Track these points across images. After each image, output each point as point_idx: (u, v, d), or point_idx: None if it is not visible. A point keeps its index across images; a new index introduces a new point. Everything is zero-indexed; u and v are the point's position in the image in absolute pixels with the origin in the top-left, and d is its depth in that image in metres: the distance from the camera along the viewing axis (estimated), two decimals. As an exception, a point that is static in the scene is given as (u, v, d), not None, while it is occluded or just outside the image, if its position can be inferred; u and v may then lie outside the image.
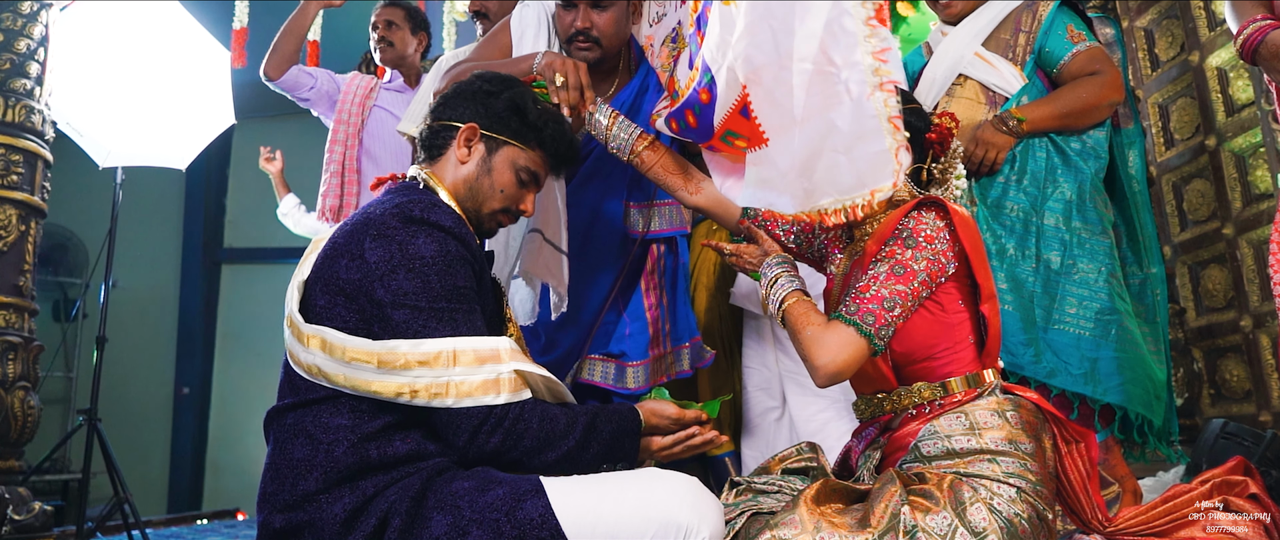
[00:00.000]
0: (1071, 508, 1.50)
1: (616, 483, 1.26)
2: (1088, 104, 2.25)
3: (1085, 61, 2.28)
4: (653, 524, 1.18)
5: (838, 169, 1.38)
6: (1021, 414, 1.44)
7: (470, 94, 1.56)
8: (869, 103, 1.30)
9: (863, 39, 1.30)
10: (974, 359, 1.49)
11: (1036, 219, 2.20)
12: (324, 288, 1.33)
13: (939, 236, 1.45)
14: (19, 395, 2.62)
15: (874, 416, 1.55)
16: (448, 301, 1.30)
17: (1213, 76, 3.08)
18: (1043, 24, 2.34)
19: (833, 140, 1.35)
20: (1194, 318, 3.22)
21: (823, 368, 1.39)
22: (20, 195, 2.72)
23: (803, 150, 1.39)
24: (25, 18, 2.81)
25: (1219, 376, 3.12)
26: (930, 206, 1.48)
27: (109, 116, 3.12)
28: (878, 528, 1.29)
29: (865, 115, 1.31)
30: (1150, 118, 3.41)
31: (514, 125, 1.53)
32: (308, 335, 1.30)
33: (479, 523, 1.18)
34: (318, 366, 1.29)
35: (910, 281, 1.41)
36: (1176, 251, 3.30)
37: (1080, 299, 2.13)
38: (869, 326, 1.39)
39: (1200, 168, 3.18)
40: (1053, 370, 2.07)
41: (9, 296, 2.67)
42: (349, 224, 1.38)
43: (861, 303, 1.40)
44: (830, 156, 1.37)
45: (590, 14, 1.96)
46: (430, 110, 1.60)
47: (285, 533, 1.24)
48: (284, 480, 1.26)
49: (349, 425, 1.27)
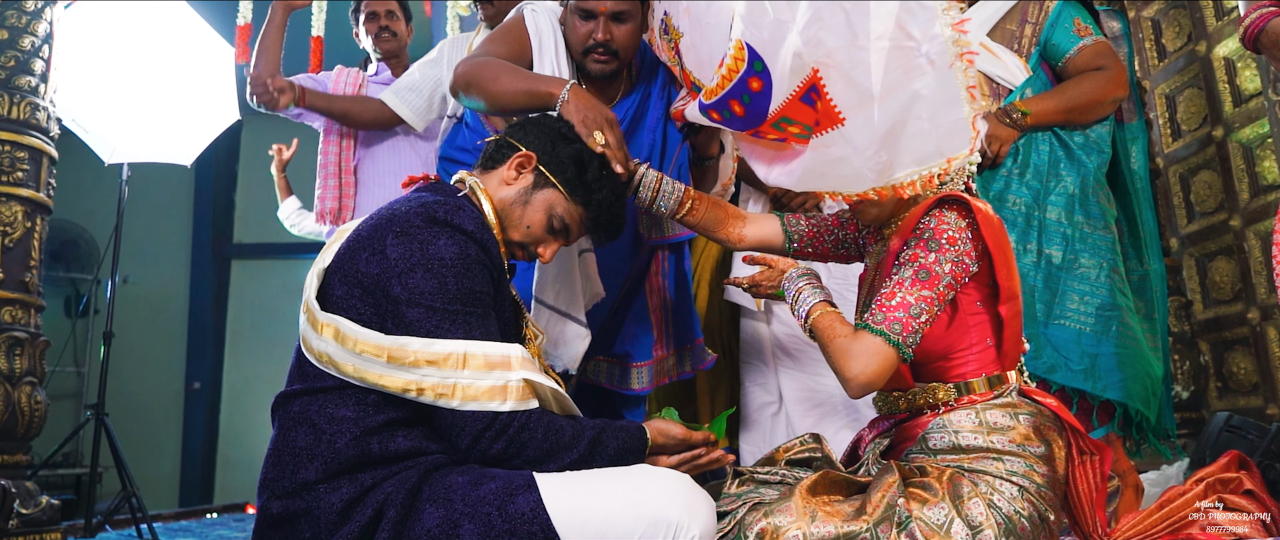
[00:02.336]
0: (1074, 518, 1.48)
1: (608, 479, 1.26)
2: (1092, 99, 2.24)
3: (1091, 56, 2.27)
4: (643, 521, 1.18)
5: (922, 136, 1.39)
6: (1037, 419, 1.42)
7: (546, 129, 1.57)
8: (950, 71, 1.32)
9: (941, 11, 1.32)
10: (994, 360, 1.46)
11: (1038, 213, 2.20)
12: (343, 278, 1.34)
13: (962, 237, 1.41)
14: (26, 390, 2.64)
15: (891, 413, 1.54)
16: (462, 304, 1.30)
17: (1220, 67, 3.06)
18: (1049, 16, 2.32)
19: (917, 109, 1.36)
20: (1201, 310, 3.20)
21: (854, 379, 1.36)
22: (26, 192, 2.73)
23: (884, 123, 1.40)
24: (29, 15, 2.82)
25: (1226, 369, 3.09)
26: (952, 204, 1.45)
27: (114, 113, 3.13)
28: (873, 517, 1.29)
29: (948, 83, 1.33)
30: (1157, 108, 3.38)
31: (569, 174, 1.52)
32: (322, 323, 1.31)
33: (471, 516, 1.18)
34: (329, 354, 1.30)
35: (936, 286, 1.38)
36: (1183, 244, 3.28)
37: (1082, 294, 2.13)
38: (897, 336, 1.36)
39: (1207, 159, 3.15)
40: (1052, 366, 2.06)
41: (15, 292, 2.69)
42: (374, 218, 1.39)
43: (887, 311, 1.38)
44: (915, 124, 1.38)
45: (611, 26, 1.91)
46: (507, 127, 1.61)
47: (282, 519, 1.25)
48: (285, 467, 1.27)
49: (353, 417, 1.27)
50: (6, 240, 2.69)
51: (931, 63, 1.33)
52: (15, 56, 2.77)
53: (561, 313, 1.93)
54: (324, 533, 1.21)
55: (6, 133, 2.70)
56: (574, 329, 1.93)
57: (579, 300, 1.95)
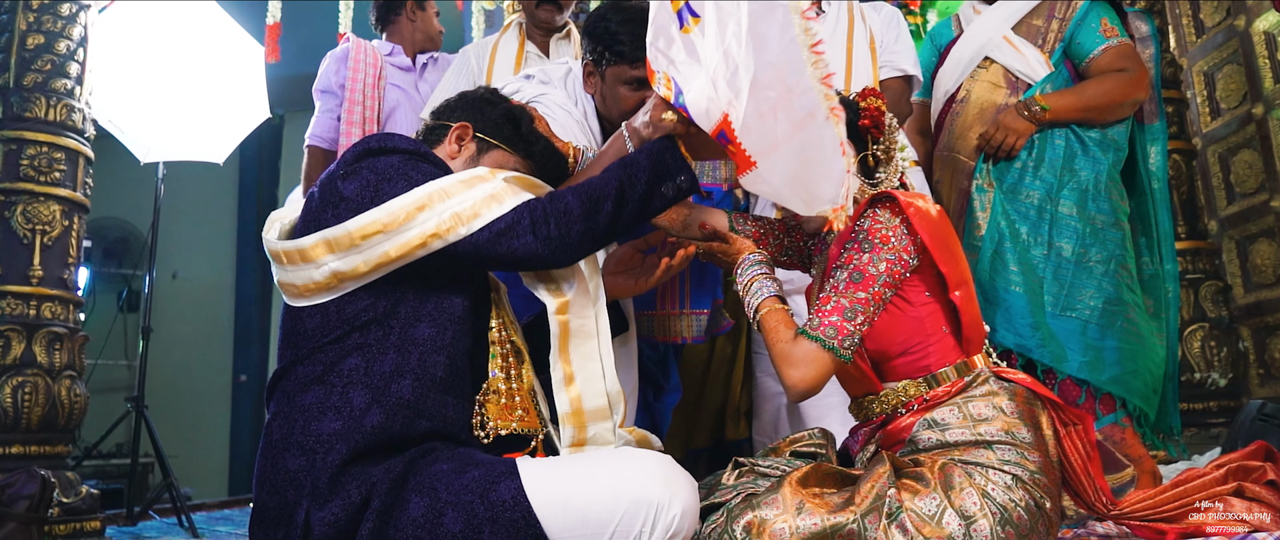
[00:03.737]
0: (1074, 490, 1.46)
1: (589, 463, 1.26)
2: (1112, 100, 2.21)
3: (1114, 57, 2.25)
4: (624, 501, 1.18)
5: (825, 181, 1.39)
6: (1017, 402, 1.40)
7: (468, 100, 1.60)
8: (828, 124, 1.33)
9: (810, 65, 1.32)
10: (955, 347, 1.44)
11: (1051, 207, 2.18)
12: (304, 223, 1.36)
13: (896, 234, 1.41)
14: (66, 384, 2.73)
15: (867, 419, 1.53)
16: (415, 172, 1.34)
17: (1260, 41, 2.95)
18: (1076, 14, 2.30)
19: (812, 155, 1.37)
20: (1241, 295, 3.10)
21: (792, 385, 1.38)
22: (63, 191, 2.82)
23: (789, 167, 1.40)
24: (65, 20, 2.91)
25: (1269, 355, 3.00)
26: (883, 202, 1.44)
27: (148, 113, 3.23)
28: (861, 507, 1.27)
29: (829, 134, 1.34)
30: (1195, 87, 3.28)
31: (507, 132, 1.55)
32: (310, 247, 1.29)
33: (454, 504, 1.19)
34: (333, 272, 1.28)
35: (870, 286, 1.38)
36: (1223, 226, 3.18)
37: (1090, 288, 2.11)
38: (832, 341, 1.36)
39: (1248, 138, 3.05)
40: (1058, 356, 2.05)
41: (55, 289, 2.79)
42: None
43: (823, 316, 1.38)
44: (815, 170, 1.39)
45: None
46: (430, 111, 1.62)
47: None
48: (288, 448, 1.27)
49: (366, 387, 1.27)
50: (45, 239, 2.78)
51: (811, 114, 1.33)
52: (52, 60, 2.86)
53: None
54: (313, 504, 1.22)
55: (44, 134, 2.80)
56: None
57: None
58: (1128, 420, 2.06)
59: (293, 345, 1.32)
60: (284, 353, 1.34)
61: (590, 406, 1.41)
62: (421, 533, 1.19)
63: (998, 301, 2.12)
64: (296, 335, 1.32)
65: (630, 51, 1.84)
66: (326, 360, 1.28)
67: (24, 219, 2.74)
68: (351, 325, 1.29)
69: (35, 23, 2.86)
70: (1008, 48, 2.32)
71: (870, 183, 1.51)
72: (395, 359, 1.28)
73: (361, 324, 1.29)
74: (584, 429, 1.40)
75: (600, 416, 1.41)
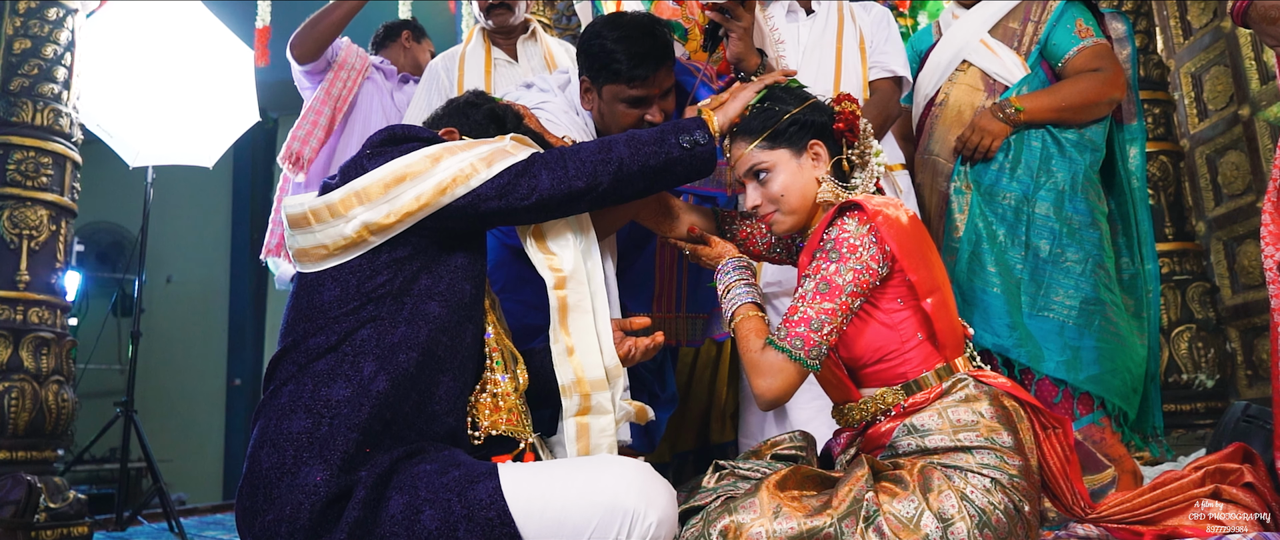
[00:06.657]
0: (1052, 493, 1.46)
1: (568, 469, 1.27)
2: (1087, 99, 2.22)
3: (1089, 57, 2.25)
4: (599, 508, 1.19)
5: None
6: (996, 407, 1.39)
7: (451, 107, 1.65)
8: None
9: None
10: (933, 353, 1.44)
11: (1028, 208, 2.19)
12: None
13: (863, 243, 1.40)
14: (53, 389, 2.73)
15: (848, 426, 1.53)
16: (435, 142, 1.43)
17: (1247, 43, 2.96)
18: (1052, 16, 2.31)
19: None
20: (1229, 296, 3.11)
21: (760, 394, 1.39)
22: (50, 196, 2.82)
23: None
24: (52, 24, 2.91)
25: (1257, 356, 3.00)
26: (852, 211, 1.43)
27: (136, 117, 3.22)
28: (838, 510, 1.27)
29: None
30: (1183, 88, 3.29)
31: (492, 133, 1.57)
32: (340, 200, 1.34)
33: (432, 502, 1.20)
34: (363, 224, 1.33)
35: (836, 297, 1.37)
36: (1211, 227, 3.18)
37: (1066, 288, 2.12)
38: (799, 352, 1.36)
39: (1235, 139, 3.06)
40: (1036, 356, 2.06)
41: (42, 294, 2.78)
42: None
43: (791, 326, 1.38)
44: None
45: (661, 103, 1.86)
46: (424, 123, 1.65)
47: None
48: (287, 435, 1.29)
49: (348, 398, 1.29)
50: (32, 244, 2.78)
51: None
52: (38, 65, 2.86)
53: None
54: (313, 466, 1.22)
55: (30, 139, 2.79)
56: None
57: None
58: (1106, 420, 2.07)
59: (306, 318, 1.35)
60: (295, 329, 1.36)
61: (591, 377, 1.48)
62: (399, 529, 1.20)
63: (975, 302, 2.13)
64: (311, 309, 1.35)
65: (628, 70, 1.82)
66: (341, 331, 1.32)
67: (10, 224, 2.74)
68: (368, 297, 1.33)
69: (22, 27, 2.86)
70: (984, 51, 2.33)
71: (845, 187, 1.52)
72: (405, 332, 1.33)
73: (378, 296, 1.34)
74: (588, 398, 1.48)
75: (600, 387, 1.48)
